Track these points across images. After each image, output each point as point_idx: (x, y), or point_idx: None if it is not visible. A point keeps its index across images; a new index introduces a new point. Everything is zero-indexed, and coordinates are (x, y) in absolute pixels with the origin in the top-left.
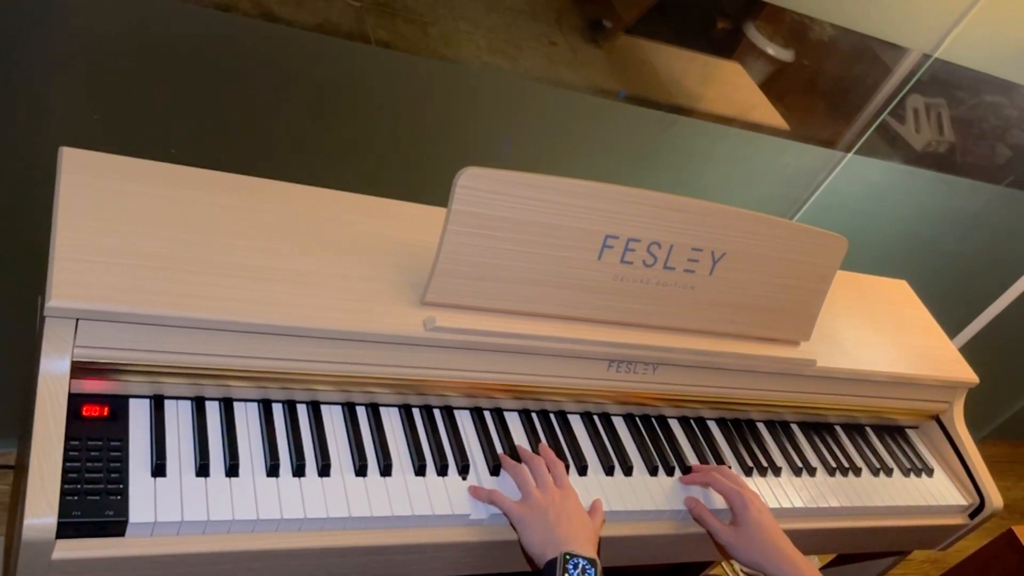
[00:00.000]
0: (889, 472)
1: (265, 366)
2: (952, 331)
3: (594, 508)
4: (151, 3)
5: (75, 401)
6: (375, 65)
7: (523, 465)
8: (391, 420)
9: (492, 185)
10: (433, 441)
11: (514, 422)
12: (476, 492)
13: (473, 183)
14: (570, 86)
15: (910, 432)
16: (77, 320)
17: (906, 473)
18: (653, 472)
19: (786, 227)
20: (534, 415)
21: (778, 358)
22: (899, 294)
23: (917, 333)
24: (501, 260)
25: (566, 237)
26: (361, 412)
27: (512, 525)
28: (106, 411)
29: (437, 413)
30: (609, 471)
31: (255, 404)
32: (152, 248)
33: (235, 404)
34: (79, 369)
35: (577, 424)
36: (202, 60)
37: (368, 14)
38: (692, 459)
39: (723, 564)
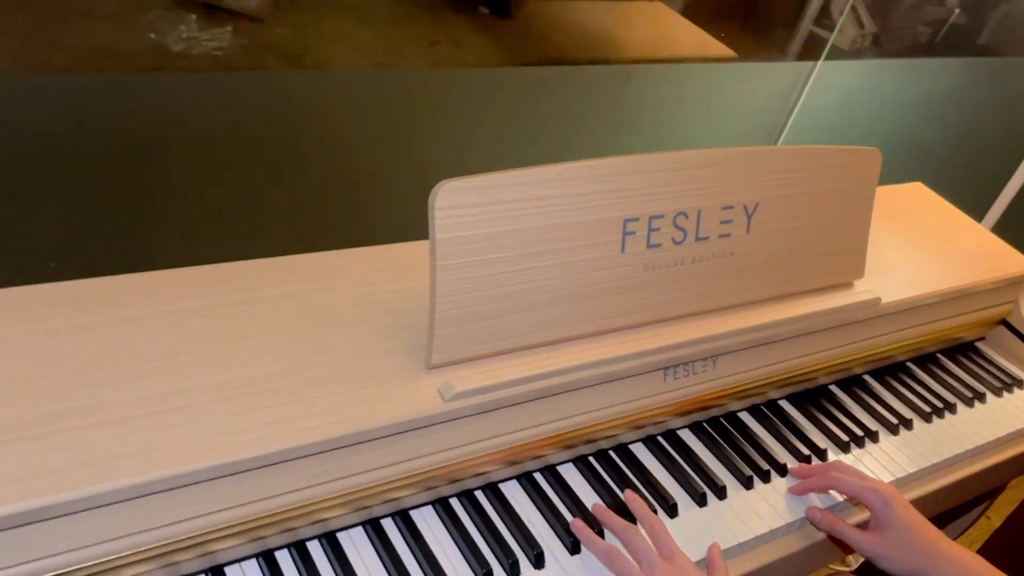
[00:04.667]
0: (982, 397)
1: (252, 512)
2: (977, 219)
3: (712, 563)
4: None
5: None
6: (260, 99)
7: (612, 547)
8: (428, 523)
9: (477, 197)
10: (489, 534)
11: (572, 476)
12: None
13: (453, 201)
14: (498, 63)
15: (980, 346)
16: None
17: (998, 392)
18: (748, 485)
19: (813, 154)
20: (592, 460)
21: (842, 307)
22: (919, 198)
23: (956, 234)
24: (509, 286)
25: (579, 235)
26: (389, 525)
27: None
28: None
29: (481, 496)
30: (701, 500)
31: (253, 561)
32: (51, 408)
33: (227, 570)
34: None
35: (643, 453)
36: (56, 139)
37: (241, 53)
38: (781, 454)
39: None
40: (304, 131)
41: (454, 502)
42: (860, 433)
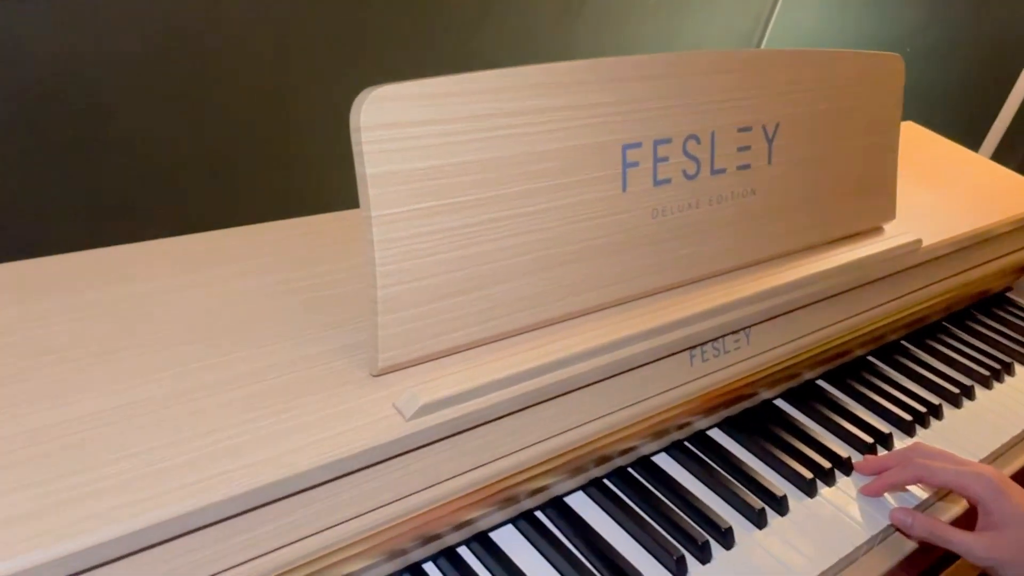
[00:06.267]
0: None
1: None
2: (974, 147)
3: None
4: None
5: None
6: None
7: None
8: None
9: (422, 111)
10: None
11: (588, 510)
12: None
13: (388, 116)
14: None
15: (1012, 296)
16: None
17: None
18: (811, 491)
19: (832, 60)
20: (609, 483)
21: (886, 252)
22: (914, 137)
23: (966, 171)
24: (477, 246)
25: (568, 167)
26: None
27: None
28: None
29: (467, 554)
30: (758, 519)
31: None
32: None
33: None
34: None
35: (672, 466)
36: None
37: None
38: (839, 447)
39: None
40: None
41: (430, 569)
42: (923, 409)
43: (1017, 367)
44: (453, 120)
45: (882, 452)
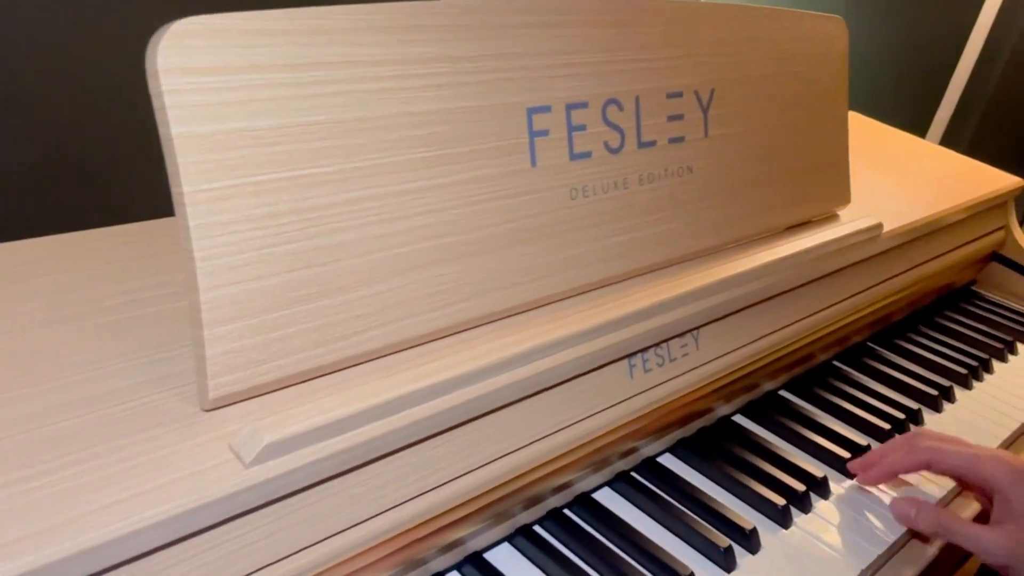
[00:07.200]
0: (1012, 348)
1: None
2: (921, 133)
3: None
4: None
5: None
6: None
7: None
8: None
9: (251, 53)
10: None
11: (515, 568)
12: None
13: (199, 57)
14: None
15: (976, 290)
16: None
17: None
18: (784, 521)
19: (768, 16)
20: (541, 531)
21: (843, 238)
22: (859, 127)
23: (917, 158)
24: (337, 234)
25: (458, 133)
26: None
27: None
28: None
29: None
30: (725, 560)
31: None
32: None
33: None
34: None
35: (617, 504)
36: None
37: None
38: (812, 466)
39: None
40: None
41: None
42: (901, 416)
43: (995, 364)
44: (295, 67)
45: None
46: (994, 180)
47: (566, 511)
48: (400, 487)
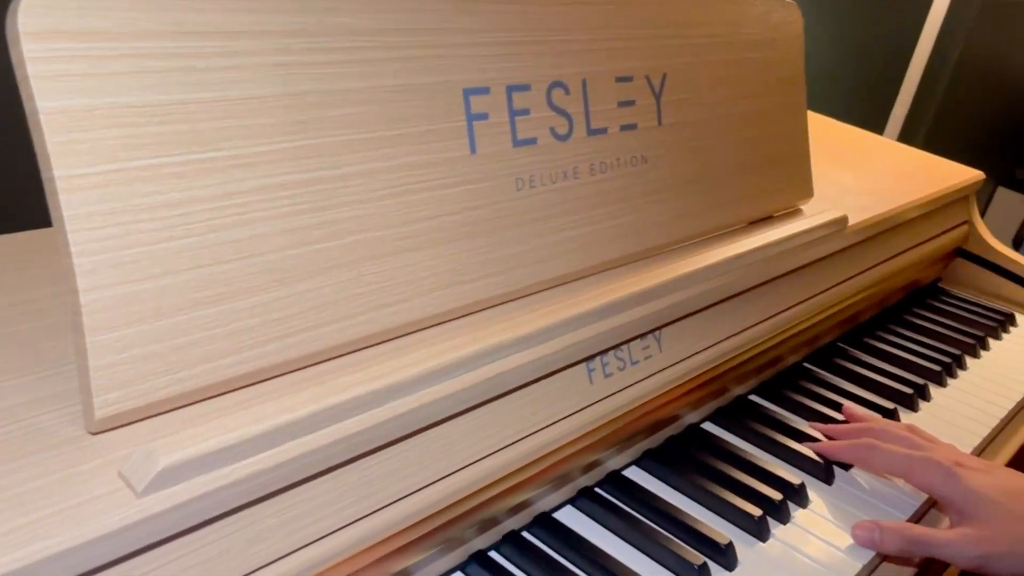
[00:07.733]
0: (984, 344)
1: None
2: (878, 131)
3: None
4: None
5: None
6: None
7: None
8: None
9: (132, 17)
10: None
11: None
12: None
13: (69, 19)
14: None
15: (944, 287)
16: None
17: (996, 335)
18: (761, 533)
19: (720, 0)
20: (496, 557)
21: (808, 231)
22: (818, 124)
23: (876, 154)
24: (244, 227)
25: (384, 117)
26: None
27: None
28: None
29: None
30: None
31: None
32: None
33: None
34: None
35: (581, 523)
36: None
37: None
38: (788, 473)
39: None
40: None
41: None
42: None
43: (968, 359)
44: (188, 34)
45: (839, 472)
46: (954, 173)
47: (524, 533)
48: (325, 516)
